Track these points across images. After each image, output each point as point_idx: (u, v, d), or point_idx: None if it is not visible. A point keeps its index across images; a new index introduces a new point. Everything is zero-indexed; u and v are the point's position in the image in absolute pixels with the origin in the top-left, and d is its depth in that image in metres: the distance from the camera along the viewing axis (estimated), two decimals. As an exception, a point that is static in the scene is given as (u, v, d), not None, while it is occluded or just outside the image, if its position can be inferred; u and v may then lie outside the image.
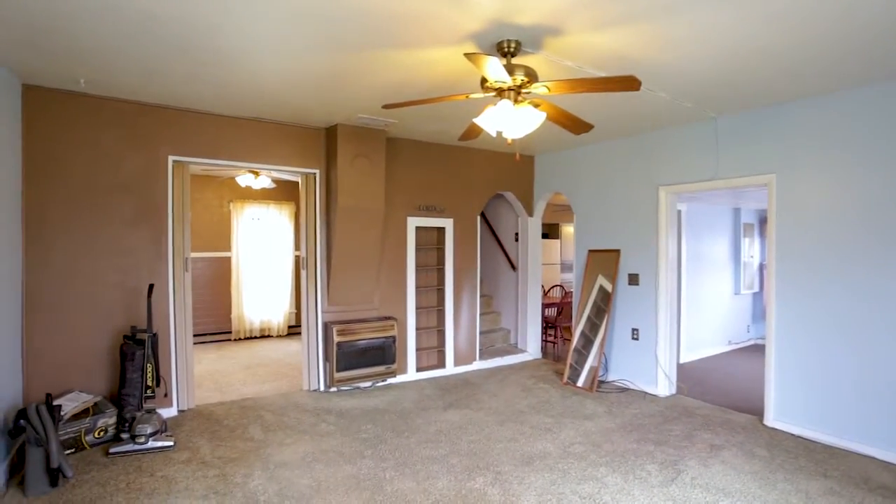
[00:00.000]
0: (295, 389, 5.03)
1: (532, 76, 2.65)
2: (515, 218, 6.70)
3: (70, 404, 3.60)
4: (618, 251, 5.29)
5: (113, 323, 3.96)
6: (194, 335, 7.42)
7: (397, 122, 4.62)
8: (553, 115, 2.92)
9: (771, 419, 4.03)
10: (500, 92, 2.70)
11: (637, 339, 5.11)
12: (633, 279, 5.14)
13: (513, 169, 6.23)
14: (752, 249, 7.65)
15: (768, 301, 4.08)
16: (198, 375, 5.71)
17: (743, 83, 3.48)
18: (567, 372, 5.33)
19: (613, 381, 5.28)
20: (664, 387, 4.87)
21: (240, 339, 7.79)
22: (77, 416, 3.57)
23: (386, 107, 2.83)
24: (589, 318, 5.41)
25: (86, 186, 3.87)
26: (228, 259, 7.76)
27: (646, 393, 4.95)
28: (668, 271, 4.87)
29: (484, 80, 2.67)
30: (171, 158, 4.17)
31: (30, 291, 3.67)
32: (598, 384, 5.05)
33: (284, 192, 8.05)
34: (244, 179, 6.41)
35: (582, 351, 5.32)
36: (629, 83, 2.34)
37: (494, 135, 2.82)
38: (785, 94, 3.71)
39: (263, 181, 6.49)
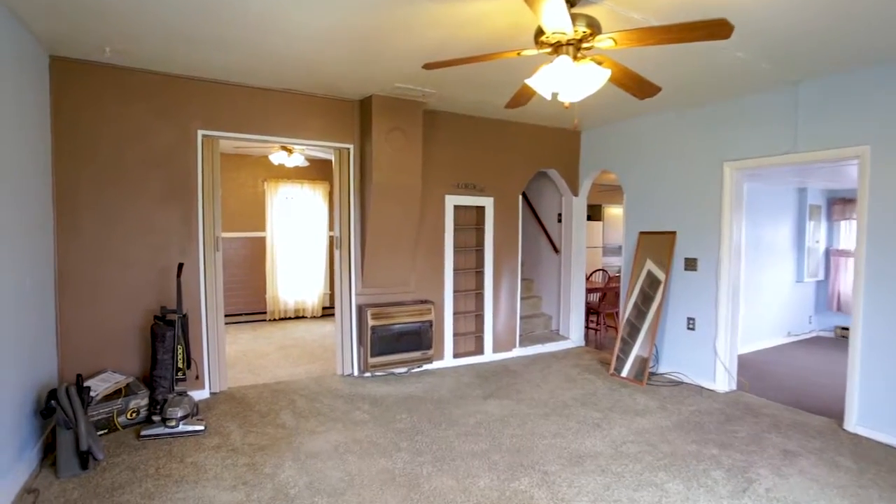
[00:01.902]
0: (328, 373, 4.88)
1: (595, 27, 2.28)
2: (559, 198, 6.31)
3: (102, 385, 3.52)
4: (673, 233, 4.85)
5: (144, 302, 3.86)
6: (229, 315, 7.44)
7: (436, 93, 4.30)
8: (617, 75, 2.55)
9: (853, 424, 3.59)
10: (558, 47, 2.34)
11: (693, 328, 4.70)
12: (691, 264, 4.71)
13: (557, 145, 5.82)
14: (817, 234, 7.00)
15: (855, 292, 3.61)
16: (232, 356, 5.66)
17: (836, 37, 2.99)
18: (614, 362, 4.98)
19: (665, 374, 4.89)
20: (723, 382, 4.46)
21: (274, 319, 7.75)
22: (109, 397, 3.49)
23: (427, 66, 2.52)
24: (636, 304, 5.03)
25: (115, 162, 3.74)
26: (263, 239, 7.69)
27: (702, 388, 4.55)
28: (731, 256, 4.42)
29: (539, 34, 2.32)
30: (200, 132, 3.99)
31: (62, 269, 3.59)
32: (648, 376, 4.69)
33: (318, 171, 7.88)
34: (277, 157, 6.24)
35: (628, 340, 4.95)
36: (718, 29, 1.95)
37: (549, 97, 2.48)
38: (889, 50, 3.19)
39: (297, 159, 6.31)
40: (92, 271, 3.69)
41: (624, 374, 4.83)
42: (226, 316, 7.38)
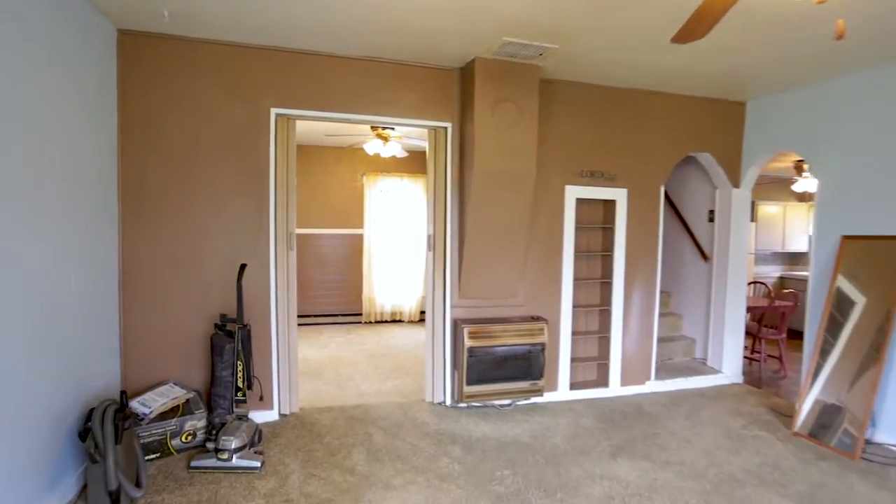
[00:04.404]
0: (416, 398, 4.10)
1: None
2: (710, 190, 4.93)
3: (159, 400, 3.07)
4: (904, 239, 3.33)
5: (211, 306, 3.37)
6: (325, 315, 7.09)
7: (557, 49, 3.28)
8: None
9: None
10: None
11: (939, 381, 3.15)
12: (937, 285, 3.17)
13: (713, 121, 4.48)
14: None
15: None
16: (320, 362, 5.21)
17: None
18: (801, 416, 3.58)
19: (890, 445, 3.38)
20: None
21: (370, 322, 7.26)
22: (165, 415, 3.02)
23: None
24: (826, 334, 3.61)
25: (182, 148, 3.28)
26: (361, 237, 7.23)
27: (961, 474, 3.01)
28: None
29: None
30: (273, 111, 3.42)
31: (126, 267, 3.21)
32: (863, 446, 3.23)
33: (420, 164, 7.22)
34: (372, 146, 5.64)
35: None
36: None
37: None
38: None
39: (393, 148, 5.65)
40: (157, 269, 3.28)
41: (799, 426, 3.42)
42: (321, 316, 7.08)
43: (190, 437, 3.07)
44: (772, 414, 3.94)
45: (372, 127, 5.38)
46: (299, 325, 6.80)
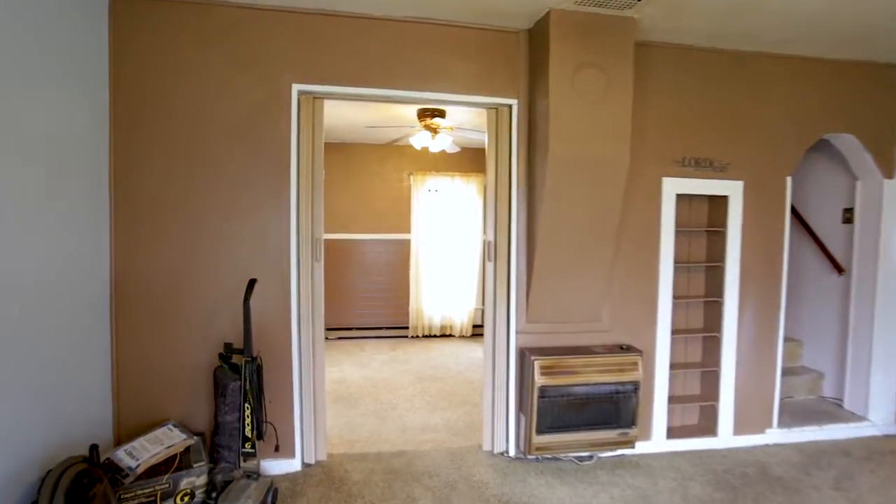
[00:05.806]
0: (471, 444, 3.31)
1: None
2: (845, 183, 3.86)
3: (150, 449, 2.45)
4: None
5: (220, 330, 2.74)
6: (368, 329, 6.47)
7: (664, -10, 2.43)
8: None
9: None
10: None
11: None
12: None
13: (855, 92, 3.45)
14: None
15: None
16: (360, 385, 4.60)
17: None
18: None
19: None
20: None
21: (417, 336, 6.56)
22: (156, 469, 2.39)
23: None
24: None
25: (184, 132, 2.68)
26: (408, 242, 6.56)
27: None
28: None
29: None
30: (295, 88, 2.75)
31: (119, 280, 2.64)
32: None
33: (472, 161, 6.47)
34: (419, 140, 4.93)
35: None
36: None
37: None
38: None
39: (443, 141, 4.93)
40: (156, 282, 2.68)
41: None
42: (363, 329, 6.46)
43: (187, 498, 2.43)
44: (959, 486, 2.87)
45: (419, 116, 4.69)
46: (339, 339, 6.19)
